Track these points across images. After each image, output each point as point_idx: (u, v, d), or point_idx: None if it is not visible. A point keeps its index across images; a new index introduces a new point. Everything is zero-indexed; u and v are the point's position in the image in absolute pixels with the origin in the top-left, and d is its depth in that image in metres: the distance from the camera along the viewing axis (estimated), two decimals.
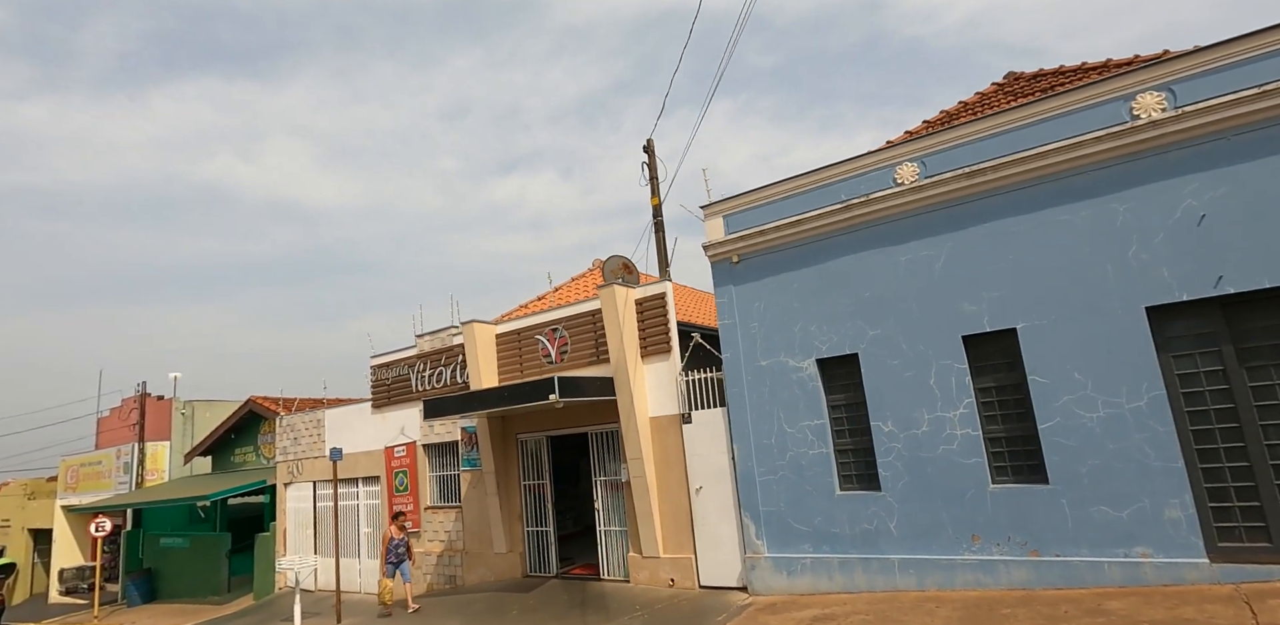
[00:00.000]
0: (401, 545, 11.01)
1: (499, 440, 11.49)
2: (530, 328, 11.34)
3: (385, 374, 13.71)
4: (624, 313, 9.82)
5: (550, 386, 8.79)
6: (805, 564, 8.10)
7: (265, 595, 15.36)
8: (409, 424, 13.15)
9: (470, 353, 11.59)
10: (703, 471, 9.23)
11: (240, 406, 19.96)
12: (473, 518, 11.83)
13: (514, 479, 11.42)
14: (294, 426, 15.78)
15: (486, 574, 11.48)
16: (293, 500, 15.69)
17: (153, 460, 22.57)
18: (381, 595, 10.86)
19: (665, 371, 9.74)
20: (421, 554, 12.51)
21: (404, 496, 13.00)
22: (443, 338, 12.79)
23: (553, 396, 8.73)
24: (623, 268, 11.17)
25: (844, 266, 8.17)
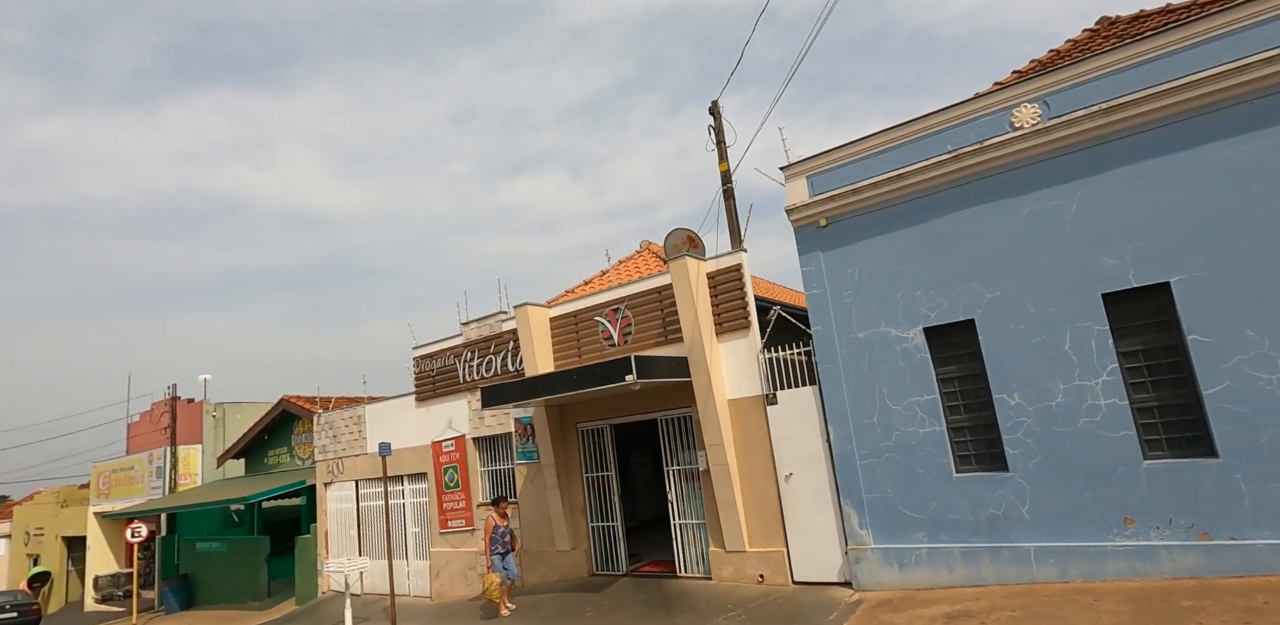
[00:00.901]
0: (507, 533, 9.73)
1: (558, 430, 10.77)
2: (588, 309, 10.61)
3: (429, 365, 13.04)
4: (697, 287, 9.06)
5: (626, 367, 8.05)
6: (920, 555, 7.29)
7: (308, 599, 14.74)
8: (457, 417, 12.46)
9: (524, 338, 10.88)
10: (792, 456, 8.45)
11: (273, 407, 19.42)
12: (530, 514, 11.12)
13: (575, 471, 10.68)
14: (333, 424, 15.16)
15: (548, 573, 10.76)
16: (334, 500, 15.07)
17: (185, 464, 22.11)
18: (488, 592, 9.46)
19: (744, 349, 8.97)
20: (475, 553, 11.81)
21: (454, 493, 12.32)
22: (491, 324, 12.10)
23: (630, 378, 7.98)
24: (686, 241, 10.41)
25: (953, 224, 7.36)
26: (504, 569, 9.55)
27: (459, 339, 12.60)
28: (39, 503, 30.30)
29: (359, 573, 11.25)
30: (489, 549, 9.61)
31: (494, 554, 9.56)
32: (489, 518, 9.77)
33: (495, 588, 9.33)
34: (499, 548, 9.59)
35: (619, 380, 8.11)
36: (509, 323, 11.76)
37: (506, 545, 9.67)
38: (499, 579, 9.39)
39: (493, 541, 9.61)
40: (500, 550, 9.58)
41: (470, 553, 11.87)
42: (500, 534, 9.65)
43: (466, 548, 11.98)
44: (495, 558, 9.54)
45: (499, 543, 9.62)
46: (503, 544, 9.63)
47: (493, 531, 9.64)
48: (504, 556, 9.58)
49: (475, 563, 11.78)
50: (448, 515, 12.36)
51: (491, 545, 9.60)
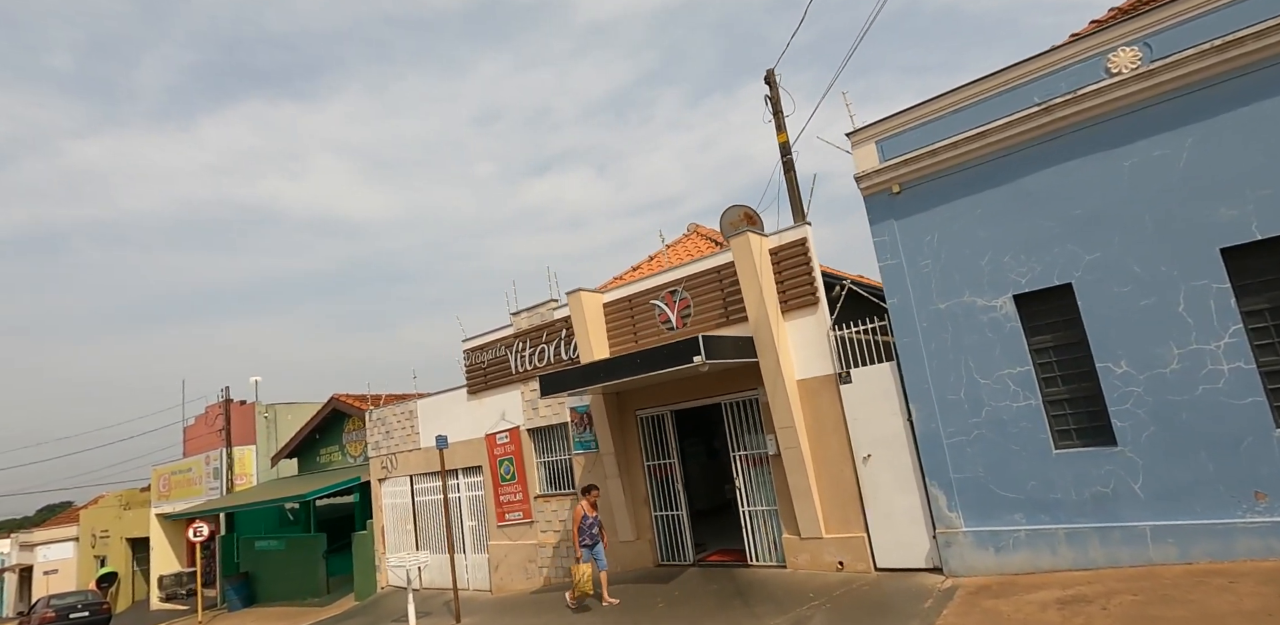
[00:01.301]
0: (595, 524, 9.24)
1: (616, 418, 10.49)
2: (643, 293, 10.30)
3: (480, 357, 12.89)
4: (760, 264, 8.69)
5: (693, 348, 7.71)
6: (1019, 538, 6.81)
7: (368, 595, 14.74)
8: (510, 408, 12.28)
9: (578, 325, 10.62)
10: (869, 437, 8.02)
11: (323, 406, 19.56)
12: None
13: (636, 460, 10.39)
14: (385, 420, 15.14)
15: (611, 564, 10.44)
16: (388, 496, 15.05)
17: (240, 464, 22.48)
18: (578, 584, 8.90)
19: (812, 327, 8.57)
20: (534, 546, 11.62)
21: (511, 485, 12.14)
22: (542, 313, 11.88)
23: (698, 359, 7.64)
24: (744, 218, 10.04)
25: (1044, 182, 6.86)
26: (594, 559, 9.11)
27: (509, 330, 12.41)
28: (103, 506, 31.26)
29: (420, 567, 11.13)
30: (578, 540, 9.14)
31: (583, 545, 9.12)
32: (578, 507, 9.28)
33: (587, 579, 8.87)
34: (587, 539, 9.14)
35: (686, 362, 7.78)
36: (561, 311, 11.52)
37: (595, 536, 9.22)
38: (590, 570, 8.95)
39: (581, 532, 9.13)
40: (588, 541, 9.13)
41: (530, 545, 11.67)
42: (589, 524, 9.18)
43: (526, 541, 11.79)
44: (585, 549, 9.10)
45: (587, 534, 9.16)
46: (591, 535, 9.17)
47: (581, 521, 9.13)
48: (592, 547, 9.14)
49: (535, 555, 11.58)
50: (505, 508, 12.19)
51: (580, 536, 9.13)
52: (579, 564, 8.99)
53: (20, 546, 39.29)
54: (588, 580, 8.87)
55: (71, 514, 39.22)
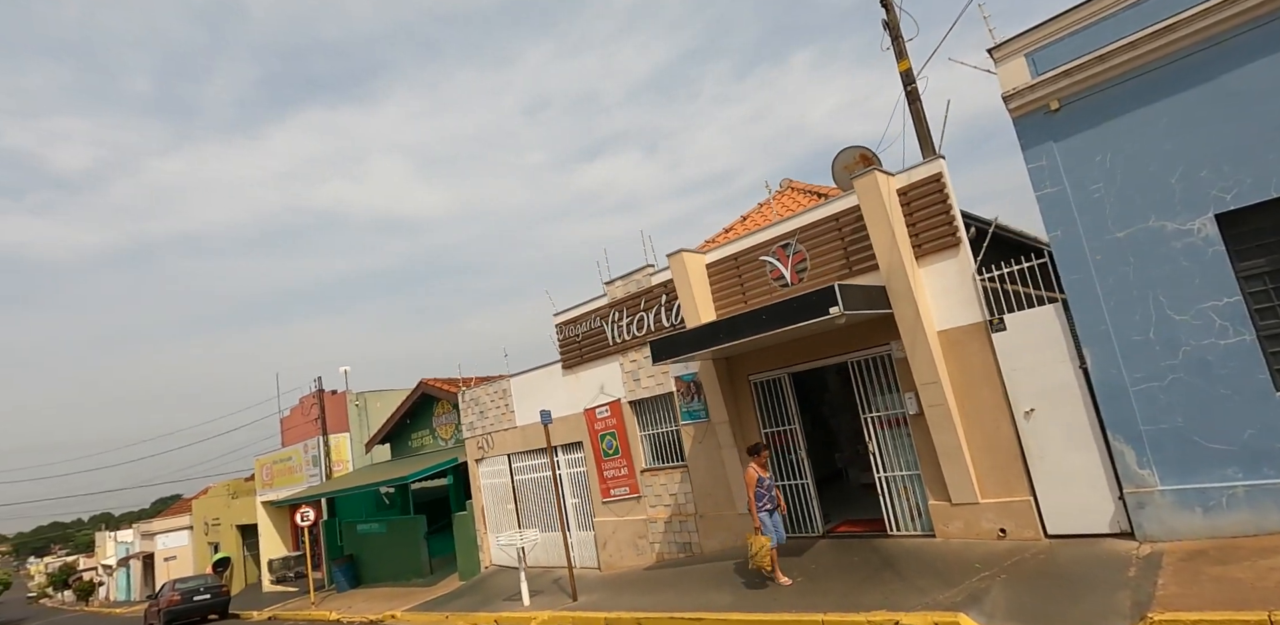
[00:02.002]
0: (773, 486, 8.01)
1: (728, 385, 9.89)
2: (751, 249, 9.62)
3: (573, 330, 12.50)
4: (890, 205, 7.88)
5: (829, 298, 7.00)
6: (1235, 495, 5.86)
7: (471, 575, 14.71)
8: (609, 381, 11.85)
9: (681, 287, 10.05)
10: (1030, 389, 7.15)
11: (413, 390, 19.71)
12: (702, 476, 10.32)
13: (751, 427, 9.77)
14: (478, 400, 15.01)
15: (729, 539, 9.93)
16: (486, 476, 14.95)
17: (336, 451, 23.05)
18: (757, 557, 7.66)
19: (953, 272, 7.72)
20: (644, 521, 11.19)
21: (614, 460, 11.73)
22: (637, 280, 11.36)
23: (835, 310, 6.93)
24: (860, 160, 9.22)
25: (1252, 80, 5.81)
26: (774, 530, 7.81)
27: (603, 300, 11.95)
28: (212, 496, 32.92)
29: (533, 545, 10.87)
30: (755, 505, 7.83)
31: (761, 511, 7.79)
32: (749, 470, 7.99)
33: (765, 552, 7.62)
34: (766, 504, 7.84)
35: (819, 315, 7.07)
36: (659, 276, 10.97)
37: (774, 500, 7.94)
38: (769, 542, 7.66)
39: (759, 496, 7.83)
40: (768, 506, 7.84)
41: (639, 521, 11.25)
42: (766, 487, 7.90)
43: (634, 516, 11.38)
44: (764, 515, 7.77)
45: (766, 498, 7.87)
46: (770, 499, 7.89)
47: (757, 485, 7.86)
48: (772, 514, 7.86)
49: (645, 531, 11.15)
50: (609, 483, 11.80)
51: (759, 501, 7.82)
52: (758, 534, 7.71)
53: (142, 536, 42.03)
54: (765, 554, 7.63)
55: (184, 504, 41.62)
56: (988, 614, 5.74)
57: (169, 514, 42.06)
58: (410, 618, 12.49)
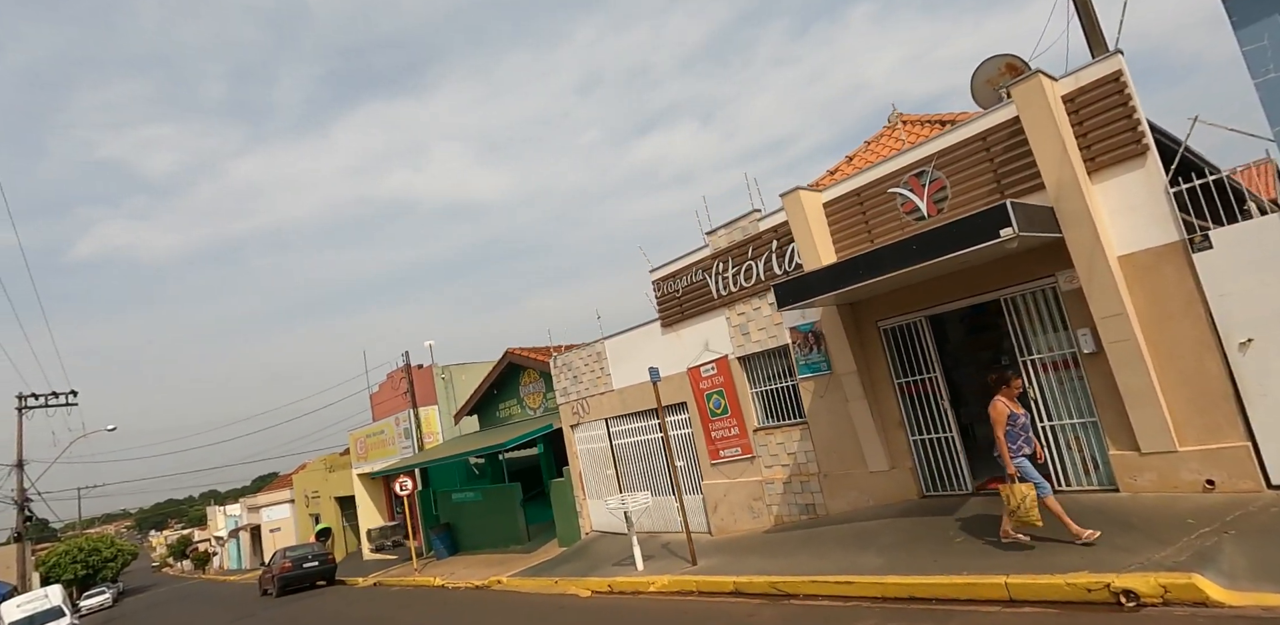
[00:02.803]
0: (1029, 424, 6.40)
1: (854, 333, 9.05)
2: (877, 182, 8.68)
3: (672, 286, 11.84)
4: (1058, 114, 6.80)
5: (1000, 218, 6.06)
6: None
7: (572, 541, 14.48)
8: (715, 337, 11.16)
9: (799, 229, 9.21)
10: (1246, 317, 6.05)
11: (499, 361, 19.60)
12: (825, 433, 9.56)
13: (882, 378, 8.92)
14: (571, 365, 14.63)
15: (859, 499, 9.18)
16: (583, 442, 14.61)
17: (426, 424, 23.36)
18: (1018, 512, 6.08)
19: (1138, 187, 6.62)
20: (759, 483, 10.54)
21: (723, 420, 11.10)
22: (743, 227, 10.56)
23: (1006, 232, 6.00)
24: (1006, 70, 8.10)
25: None
26: (1037, 477, 6.18)
27: (705, 251, 11.22)
28: (311, 470, 34.35)
29: (644, 508, 10.41)
30: (1009, 448, 6.17)
31: (1017, 455, 6.19)
32: (996, 403, 6.32)
33: (1032, 504, 6.01)
34: (1023, 445, 6.23)
35: (988, 238, 6.15)
36: (767, 220, 10.15)
37: (1031, 442, 6.32)
38: (1029, 492, 6.05)
39: (1011, 436, 6.21)
40: (1025, 450, 6.24)
41: (753, 482, 10.61)
42: (1021, 426, 6.26)
43: (747, 477, 10.74)
44: (1022, 460, 6.19)
45: (1021, 438, 6.24)
46: (1027, 440, 6.27)
47: (1010, 421, 6.23)
48: (1030, 458, 6.26)
49: (761, 493, 10.51)
50: (719, 444, 11.18)
51: (1011, 441, 6.20)
52: (1014, 483, 6.13)
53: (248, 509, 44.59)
54: (1032, 505, 6.01)
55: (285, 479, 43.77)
56: (1227, 574, 4.83)
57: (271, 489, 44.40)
58: (517, 583, 12.32)
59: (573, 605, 9.44)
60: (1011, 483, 6.18)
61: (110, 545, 44.52)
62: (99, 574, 43.02)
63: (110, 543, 45.14)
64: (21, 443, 24.46)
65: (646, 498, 10.41)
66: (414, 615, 11.53)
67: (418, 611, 11.84)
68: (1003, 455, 6.24)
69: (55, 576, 39.81)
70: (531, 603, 10.34)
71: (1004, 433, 6.24)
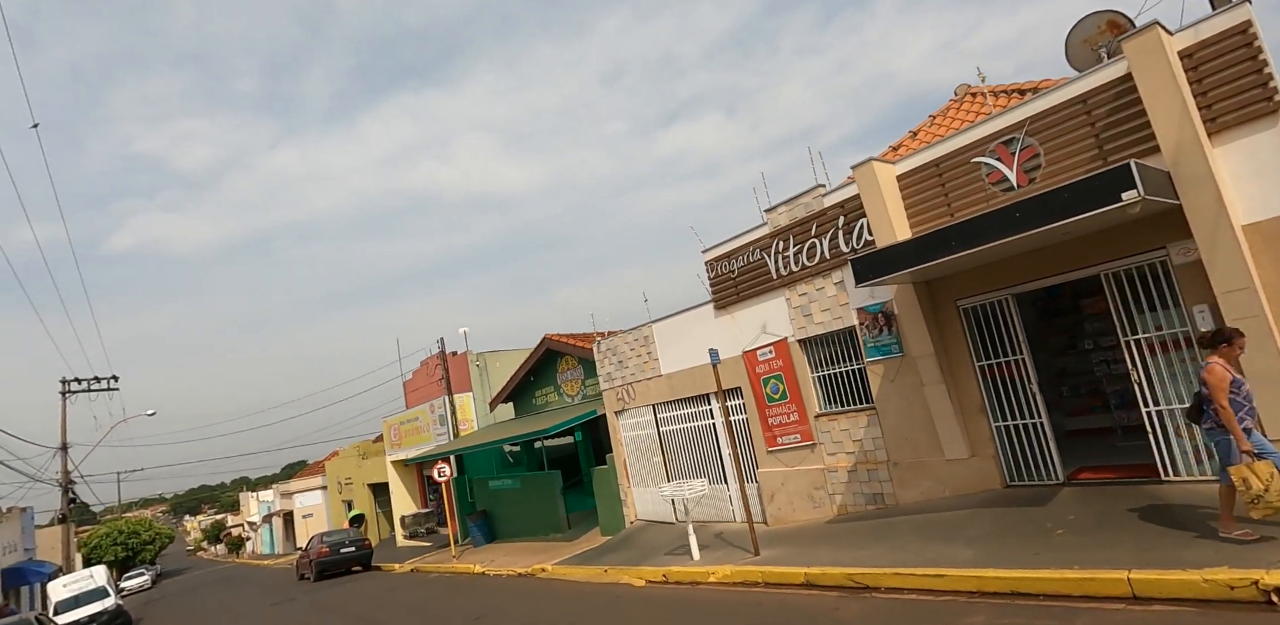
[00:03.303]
0: (1252, 396, 5.35)
1: (930, 313, 8.55)
2: (960, 151, 8.14)
3: (727, 267, 11.39)
4: (1175, 70, 6.23)
5: (1121, 179, 5.53)
6: None
7: (615, 530, 14.18)
8: (773, 319, 10.71)
9: (872, 203, 8.71)
10: None
11: (536, 347, 19.31)
12: (896, 419, 9.08)
13: (962, 361, 8.42)
14: (615, 350, 14.26)
15: (933, 488, 8.70)
16: (628, 429, 14.27)
17: (461, 411, 23.23)
18: (1271, 493, 4.93)
19: (1267, 149, 6.03)
20: (820, 471, 10.10)
21: (781, 406, 10.66)
22: (805, 203, 10.07)
23: (1130, 195, 5.47)
24: (1108, 28, 7.51)
25: None
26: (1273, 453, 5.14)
27: (764, 229, 10.75)
28: (344, 457, 34.56)
29: (700, 497, 10.03)
30: (1232, 418, 5.15)
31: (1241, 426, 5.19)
32: (1212, 368, 5.30)
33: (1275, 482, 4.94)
34: (1246, 417, 5.24)
35: (1107, 203, 5.63)
36: (833, 196, 9.65)
37: (1254, 413, 5.37)
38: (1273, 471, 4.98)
39: (1236, 404, 5.22)
40: (1249, 422, 5.26)
41: (814, 471, 10.17)
42: (1245, 396, 5.26)
43: (807, 466, 10.31)
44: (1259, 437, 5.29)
45: (1245, 408, 5.25)
46: (1250, 412, 5.28)
47: (1233, 388, 5.22)
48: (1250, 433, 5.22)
49: (823, 481, 10.06)
50: (776, 431, 10.75)
51: (1236, 410, 5.21)
52: (1254, 462, 5.05)
53: (281, 495, 45.18)
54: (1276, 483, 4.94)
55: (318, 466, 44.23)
56: None
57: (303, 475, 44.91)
58: (564, 571, 12.03)
59: (629, 595, 9.10)
60: (1251, 463, 5.05)
61: (149, 528, 45.46)
62: (138, 556, 43.96)
63: (149, 526, 46.11)
64: (65, 426, 24.81)
65: (702, 485, 10.02)
66: (464, 602, 11.30)
67: (468, 598, 11.61)
68: (1231, 428, 5.15)
69: (97, 558, 40.73)
70: (583, 592, 10.03)
71: (1227, 401, 5.19)
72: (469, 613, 10.03)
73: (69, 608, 18.11)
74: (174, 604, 24.23)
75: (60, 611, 17.94)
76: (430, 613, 10.64)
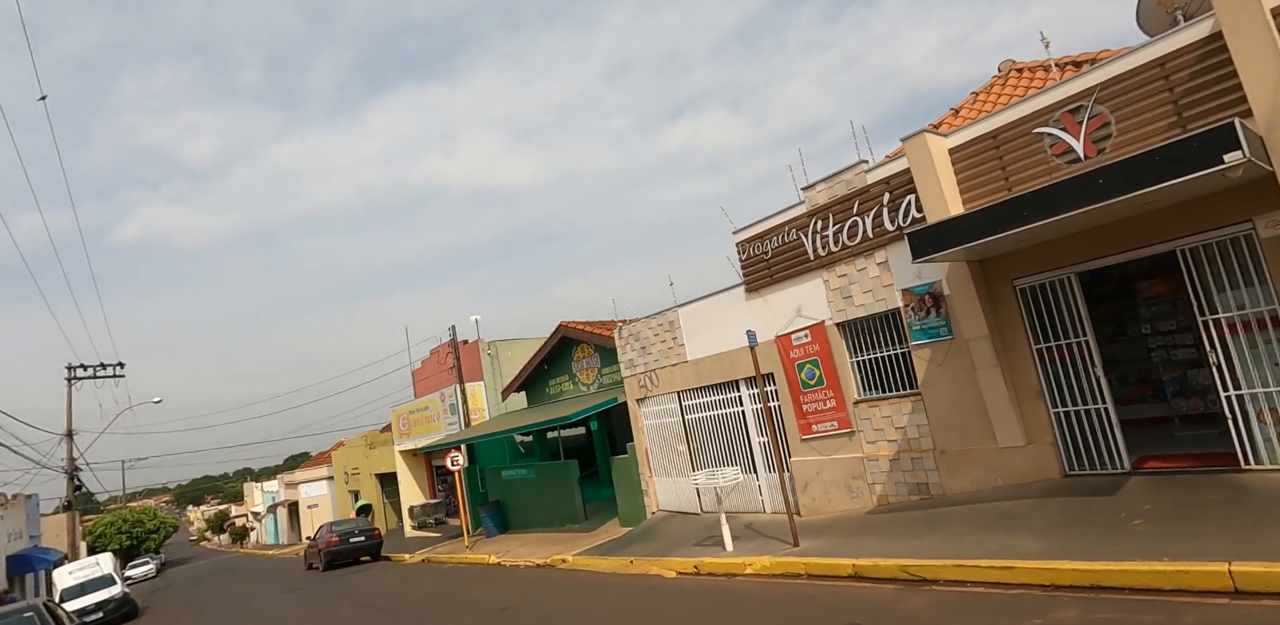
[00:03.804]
0: None
1: (984, 292, 8.12)
2: (1021, 121, 7.69)
3: (760, 248, 10.97)
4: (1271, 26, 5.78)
5: (1225, 139, 5.09)
6: None
7: (635, 520, 13.81)
8: (809, 301, 10.29)
9: (923, 176, 8.28)
10: None
11: (552, 334, 18.92)
12: (944, 405, 8.67)
13: (1018, 343, 8.00)
14: (638, 335, 13.86)
15: (984, 478, 8.30)
16: (650, 416, 13.87)
17: (472, 400, 22.87)
18: None
19: None
20: (859, 460, 9.71)
21: (817, 392, 10.26)
22: (847, 180, 9.63)
23: (1233, 156, 5.04)
24: None
25: None
26: None
27: (800, 208, 10.31)
28: (351, 447, 34.26)
29: (735, 484, 9.65)
30: None
31: None
32: None
33: None
34: None
35: (1206, 165, 5.19)
36: (878, 172, 9.21)
37: None
38: None
39: None
40: None
41: (852, 460, 9.77)
42: None
43: (844, 454, 9.91)
44: None
45: None
46: None
47: None
48: None
49: (861, 470, 9.67)
50: (811, 418, 10.35)
51: None
52: None
53: (285, 486, 44.97)
54: None
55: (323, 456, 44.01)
56: None
57: (309, 465, 44.68)
58: (586, 562, 11.68)
59: (662, 586, 8.73)
60: None
61: (153, 517, 45.30)
62: (142, 545, 43.80)
63: (153, 515, 45.96)
64: (71, 412, 24.50)
65: (736, 473, 9.63)
66: (486, 592, 10.95)
67: (489, 589, 11.25)
68: None
69: (101, 546, 40.57)
70: (610, 583, 9.67)
71: None
72: (494, 603, 9.67)
73: (75, 595, 17.84)
74: (181, 592, 23.98)
75: (66, 599, 17.66)
76: (454, 602, 10.28)
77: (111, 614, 17.46)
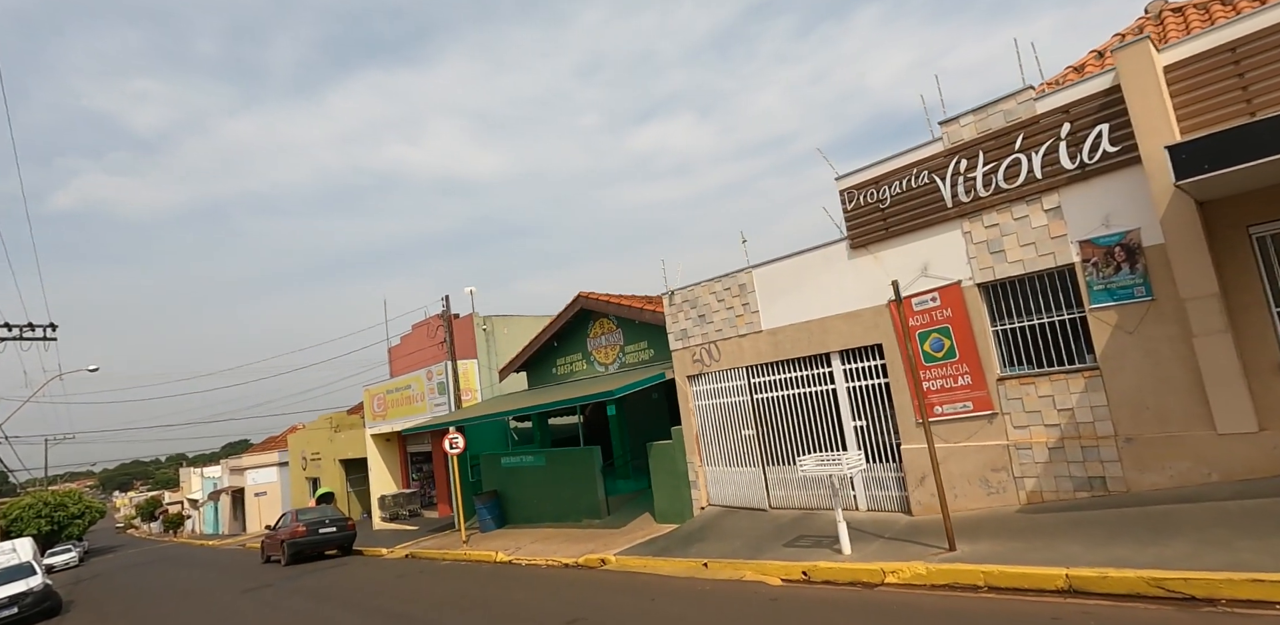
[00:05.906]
0: None
1: (1209, 243, 6.57)
2: (1264, 32, 6.16)
3: (873, 195, 9.28)
4: None
5: None
6: None
7: (677, 516, 11.94)
8: (939, 258, 8.65)
9: (1139, 95, 6.69)
10: None
11: (568, 306, 16.88)
12: (1131, 381, 7.11)
13: (1252, 304, 6.48)
14: (695, 302, 12.02)
15: (1191, 471, 6.74)
16: (703, 396, 12.05)
17: (464, 379, 20.65)
18: None
19: None
20: (1001, 447, 8.09)
21: (944, 366, 8.61)
22: (1007, 110, 8.00)
23: None
24: None
25: None
26: None
27: (935, 147, 8.66)
28: (312, 429, 31.37)
29: (860, 472, 7.90)
30: None
31: None
32: None
33: None
34: None
35: None
36: (1052, 99, 7.61)
37: None
38: None
39: None
40: None
41: (992, 447, 8.15)
42: None
43: (981, 441, 8.28)
44: None
45: None
46: None
47: None
48: None
49: (1004, 460, 8.05)
50: (935, 398, 8.69)
51: None
52: None
53: (230, 471, 41.51)
54: None
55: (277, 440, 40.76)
56: None
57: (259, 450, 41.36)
58: (640, 564, 9.79)
59: (782, 597, 6.93)
60: None
61: (78, 501, 41.27)
62: (64, 531, 39.82)
63: (78, 499, 41.89)
64: None
65: (859, 458, 7.90)
66: (527, 596, 8.95)
67: (528, 593, 9.26)
68: None
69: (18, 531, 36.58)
70: (697, 591, 7.82)
71: None
72: (548, 611, 7.72)
73: None
74: (111, 584, 21.05)
75: None
76: (494, 611, 8.25)
77: (29, 609, 14.66)
